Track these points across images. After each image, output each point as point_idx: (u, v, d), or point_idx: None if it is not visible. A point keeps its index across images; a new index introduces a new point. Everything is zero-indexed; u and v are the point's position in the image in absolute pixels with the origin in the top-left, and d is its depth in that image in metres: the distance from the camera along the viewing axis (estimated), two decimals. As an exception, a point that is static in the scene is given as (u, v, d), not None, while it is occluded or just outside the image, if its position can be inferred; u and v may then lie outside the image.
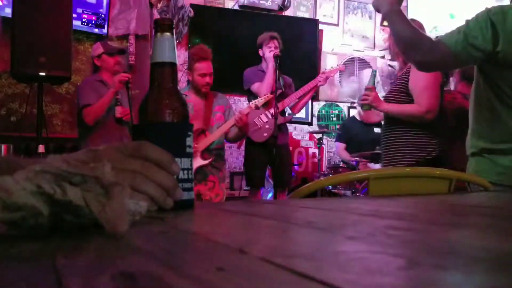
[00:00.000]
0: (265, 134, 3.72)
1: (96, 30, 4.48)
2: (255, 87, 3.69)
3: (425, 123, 2.28)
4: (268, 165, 3.87)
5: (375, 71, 2.83)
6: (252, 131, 3.73)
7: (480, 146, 1.64)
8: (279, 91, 3.62)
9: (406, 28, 1.60)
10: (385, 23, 1.70)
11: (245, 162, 3.91)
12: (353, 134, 4.59)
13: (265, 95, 3.52)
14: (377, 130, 4.61)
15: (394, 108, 2.37)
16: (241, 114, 3.25)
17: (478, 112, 1.67)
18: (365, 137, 4.49)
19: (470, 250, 0.38)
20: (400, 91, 2.36)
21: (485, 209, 0.82)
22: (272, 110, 3.63)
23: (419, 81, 2.24)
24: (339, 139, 4.77)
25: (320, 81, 3.91)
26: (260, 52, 3.81)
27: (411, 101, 2.31)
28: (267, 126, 3.73)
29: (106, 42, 3.54)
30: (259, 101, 3.47)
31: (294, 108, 3.96)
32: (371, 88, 2.42)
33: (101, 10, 4.50)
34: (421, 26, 2.21)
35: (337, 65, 4.71)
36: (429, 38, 1.62)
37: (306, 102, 4.07)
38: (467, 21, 1.55)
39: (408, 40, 1.61)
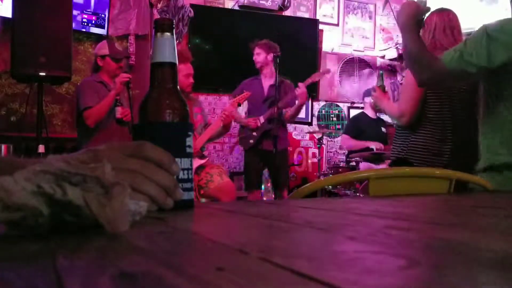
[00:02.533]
0: (251, 141, 3.81)
1: (96, 30, 4.48)
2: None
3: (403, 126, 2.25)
4: (265, 169, 4.01)
5: (382, 72, 2.93)
6: (239, 138, 3.82)
7: (503, 160, 1.56)
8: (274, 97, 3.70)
9: (413, 45, 1.65)
10: None
11: (244, 166, 4.12)
12: (362, 129, 4.56)
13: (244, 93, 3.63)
14: (384, 129, 4.60)
15: (385, 106, 2.40)
16: (228, 112, 3.38)
17: (491, 123, 1.63)
18: (373, 134, 4.47)
19: (470, 250, 0.38)
20: None
21: (485, 209, 0.82)
22: (261, 118, 3.78)
23: (405, 82, 2.29)
24: (346, 131, 4.75)
25: (296, 92, 3.83)
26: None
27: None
28: (253, 133, 3.78)
29: (112, 44, 3.50)
30: (240, 98, 3.57)
31: (286, 115, 4.01)
32: (375, 88, 2.49)
33: (100, 11, 4.50)
34: (455, 17, 2.22)
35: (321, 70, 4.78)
36: (430, 56, 1.65)
37: (295, 113, 4.00)
38: (465, 39, 1.59)
39: (412, 56, 1.68)
